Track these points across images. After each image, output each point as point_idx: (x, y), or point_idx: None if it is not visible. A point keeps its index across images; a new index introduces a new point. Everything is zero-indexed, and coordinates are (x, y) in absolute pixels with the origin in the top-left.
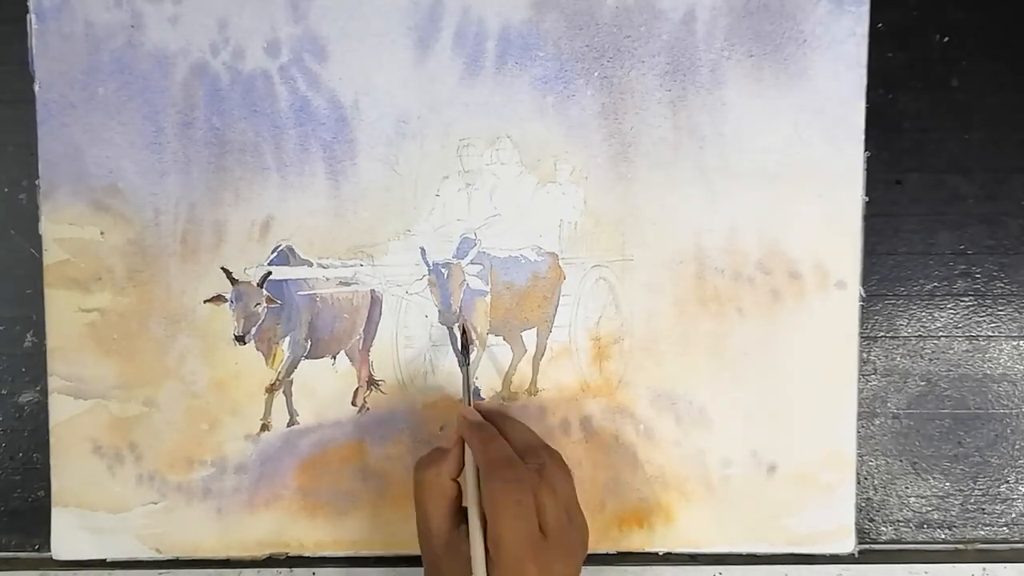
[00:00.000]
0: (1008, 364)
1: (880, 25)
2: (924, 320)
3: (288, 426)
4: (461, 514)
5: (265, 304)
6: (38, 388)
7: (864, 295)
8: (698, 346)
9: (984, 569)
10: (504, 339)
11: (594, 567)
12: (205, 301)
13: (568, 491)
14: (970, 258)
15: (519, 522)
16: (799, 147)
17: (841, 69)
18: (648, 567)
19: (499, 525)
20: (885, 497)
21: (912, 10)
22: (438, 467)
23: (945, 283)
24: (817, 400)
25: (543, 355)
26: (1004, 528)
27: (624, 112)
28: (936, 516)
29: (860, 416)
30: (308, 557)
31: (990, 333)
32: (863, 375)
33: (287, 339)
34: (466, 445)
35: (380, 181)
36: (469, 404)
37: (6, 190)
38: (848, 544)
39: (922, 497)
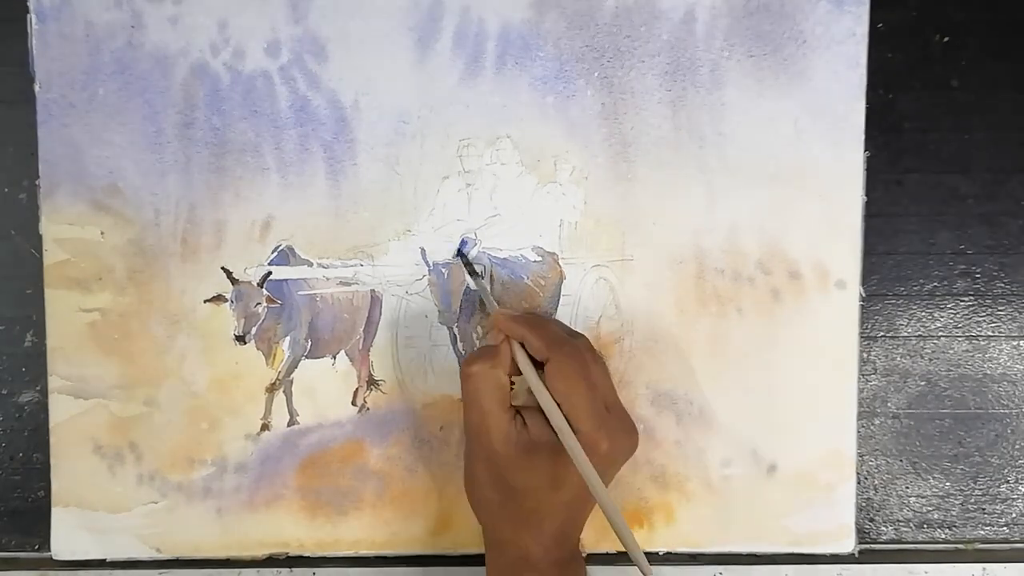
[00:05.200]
0: (1008, 364)
1: (880, 25)
2: (924, 320)
3: (288, 426)
4: (513, 408)
5: (265, 304)
6: (38, 388)
7: (864, 295)
8: (698, 346)
9: (984, 569)
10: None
11: (594, 567)
12: (205, 301)
13: (607, 373)
14: (970, 258)
15: (591, 394)
16: (799, 147)
17: (841, 69)
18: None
19: (573, 399)
20: (885, 497)
21: (912, 10)
22: (491, 360)
23: (945, 283)
24: (817, 400)
25: None
26: (1004, 528)
27: (624, 112)
28: (936, 516)
29: (860, 416)
30: (308, 557)
31: (990, 333)
32: (863, 375)
33: (287, 339)
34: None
35: (380, 181)
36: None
37: (6, 190)
38: (848, 544)
39: (922, 497)
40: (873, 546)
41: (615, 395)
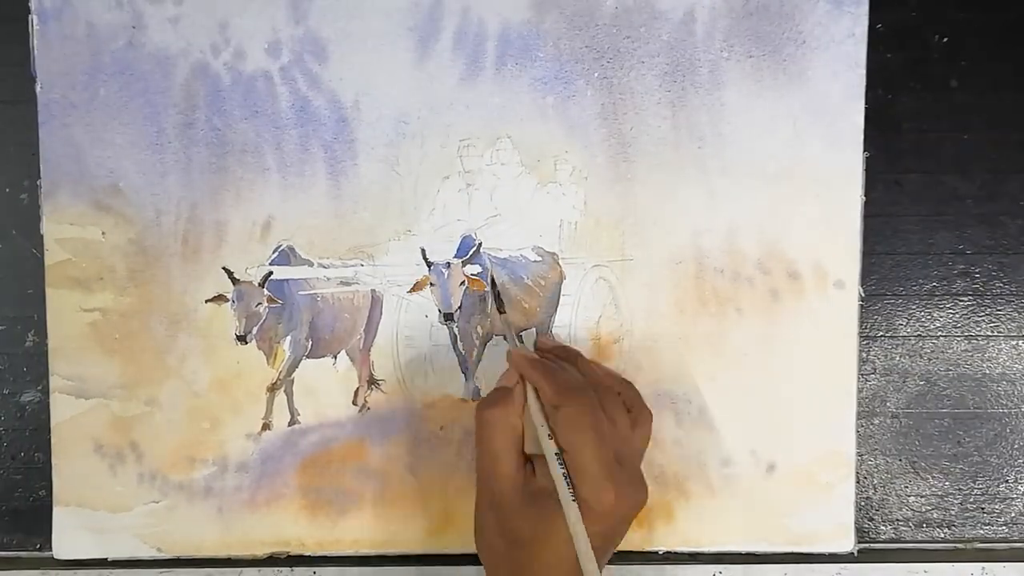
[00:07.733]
0: (1007, 364)
1: (879, 26)
2: (923, 320)
3: (289, 425)
4: (524, 453)
5: (266, 304)
6: (39, 388)
7: (863, 295)
8: (698, 346)
9: (983, 568)
10: (504, 339)
11: None
12: (206, 301)
13: (633, 431)
14: (969, 258)
15: (599, 445)
16: (798, 147)
17: (840, 70)
18: (648, 566)
19: (579, 449)
20: (884, 496)
21: (911, 11)
22: (505, 406)
23: (944, 283)
24: (816, 399)
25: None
26: (1003, 527)
27: (624, 112)
28: (935, 515)
29: (859, 415)
30: (309, 556)
31: (989, 333)
32: (862, 374)
33: (288, 339)
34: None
35: (380, 181)
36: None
37: (7, 190)
38: (847, 543)
39: (921, 496)
40: (872, 545)
41: (634, 453)
